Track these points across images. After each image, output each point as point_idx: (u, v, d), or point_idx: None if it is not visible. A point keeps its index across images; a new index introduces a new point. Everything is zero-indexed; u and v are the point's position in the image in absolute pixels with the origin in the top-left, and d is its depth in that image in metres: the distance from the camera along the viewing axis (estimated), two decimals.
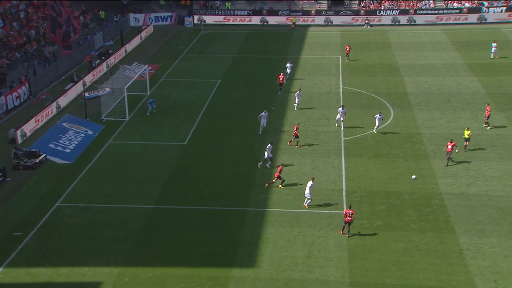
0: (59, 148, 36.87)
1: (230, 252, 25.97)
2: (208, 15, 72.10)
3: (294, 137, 36.00)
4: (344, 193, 30.79)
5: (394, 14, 70.40)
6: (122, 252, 26.07)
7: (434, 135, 37.87)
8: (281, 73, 46.94)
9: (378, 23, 70.09)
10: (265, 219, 28.45)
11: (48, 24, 49.67)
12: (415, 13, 70.27)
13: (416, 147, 36.14)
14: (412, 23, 69.81)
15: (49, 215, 29.26)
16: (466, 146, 34.50)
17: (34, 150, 35.55)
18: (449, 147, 33.18)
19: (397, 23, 70.02)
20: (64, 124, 40.10)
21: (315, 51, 59.02)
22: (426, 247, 26.00)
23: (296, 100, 42.59)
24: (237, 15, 72.00)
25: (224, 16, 72.05)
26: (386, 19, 70.23)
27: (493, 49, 53.00)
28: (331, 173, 33.04)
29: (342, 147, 36.24)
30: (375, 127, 37.94)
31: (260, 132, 37.70)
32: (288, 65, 48.03)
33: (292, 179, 32.28)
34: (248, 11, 72.36)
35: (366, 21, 69.67)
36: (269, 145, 34.00)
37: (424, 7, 71.34)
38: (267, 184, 31.32)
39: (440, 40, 61.98)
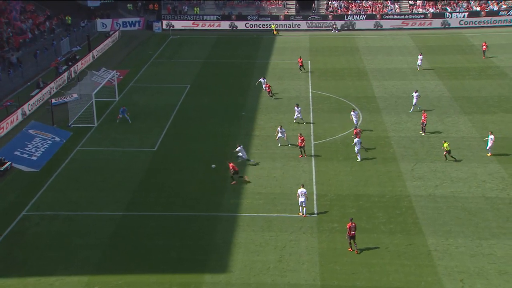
0: (25, 155, 36.13)
1: (201, 257, 25.84)
2: (177, 20, 71.78)
3: (300, 147, 35.19)
4: (315, 196, 30.99)
5: (361, 19, 71.36)
6: (91, 260, 25.67)
7: (402, 138, 38.47)
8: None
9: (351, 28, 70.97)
10: (237, 224, 28.42)
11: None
12: (382, 18, 71.41)
13: (384, 150, 36.64)
14: (379, 28, 70.93)
15: (15, 224, 28.62)
16: (446, 154, 34.51)
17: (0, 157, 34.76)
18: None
19: (363, 28, 70.94)
20: (30, 131, 39.32)
21: (284, 56, 59.37)
22: (396, 249, 26.36)
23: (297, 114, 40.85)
24: (206, 20, 71.92)
25: (193, 21, 71.87)
26: (354, 24, 71.14)
27: (419, 61, 52.57)
28: (302, 177, 33.21)
29: (312, 151, 36.49)
30: (354, 125, 38.40)
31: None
32: (261, 80, 47.20)
33: (263, 183, 32.33)
34: (217, 16, 72.37)
35: (334, 26, 70.45)
36: (239, 147, 33.93)
37: (390, 12, 72.55)
38: (235, 182, 31.60)
39: (406, 45, 63.10)
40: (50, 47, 58.03)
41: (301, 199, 28.79)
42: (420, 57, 53.02)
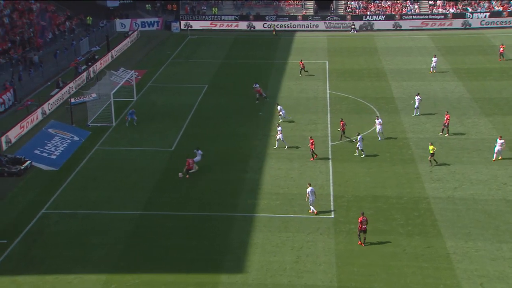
0: (44, 154, 36.58)
1: (218, 257, 25.90)
2: (195, 20, 72.11)
3: (311, 150, 35.03)
4: (331, 198, 30.88)
5: (380, 20, 70.95)
6: (109, 259, 25.88)
7: (420, 139, 38.15)
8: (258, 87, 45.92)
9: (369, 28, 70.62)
10: (253, 224, 28.43)
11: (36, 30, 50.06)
12: (401, 19, 70.87)
13: (402, 152, 36.37)
14: (398, 28, 70.41)
15: (34, 222, 28.98)
16: (430, 161, 34.18)
17: (19, 156, 35.22)
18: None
19: (383, 28, 70.53)
20: (50, 130, 39.81)
21: (302, 56, 59.25)
22: (414, 251, 26.14)
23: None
24: (224, 20, 72.09)
25: (211, 21, 72.12)
26: (373, 24, 70.75)
27: (433, 63, 51.73)
28: (319, 178, 33.12)
29: (330, 152, 36.37)
30: (378, 135, 37.40)
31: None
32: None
33: (280, 184, 32.31)
34: (235, 16, 72.51)
35: (353, 26, 70.17)
36: (198, 150, 34.22)
37: (409, 13, 71.97)
38: (181, 174, 32.71)
39: (425, 45, 62.55)
40: (70, 47, 58.69)
41: (312, 197, 28.77)
42: (434, 59, 52.24)
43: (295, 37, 68.07)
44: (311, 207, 29.14)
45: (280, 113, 40.49)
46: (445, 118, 38.51)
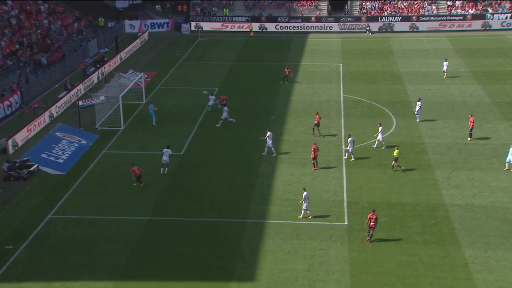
0: (52, 158, 36.87)
1: (228, 265, 25.92)
2: (206, 21, 72.43)
3: (313, 158, 34.68)
4: (345, 204, 30.81)
5: (396, 21, 70.78)
6: (117, 266, 25.99)
7: (437, 144, 37.94)
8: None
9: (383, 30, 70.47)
10: (264, 231, 28.43)
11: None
12: (418, 20, 70.64)
13: (419, 157, 36.20)
14: (415, 29, 70.18)
15: (41, 228, 29.20)
16: (393, 166, 34.02)
17: (26, 158, 35.51)
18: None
19: (399, 30, 70.34)
20: (57, 134, 40.14)
21: (315, 58, 59.27)
22: (431, 260, 25.98)
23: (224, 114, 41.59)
24: (235, 21, 72.32)
25: (222, 23, 72.38)
26: (388, 26, 70.56)
27: (445, 67, 51.25)
28: (332, 183, 33.06)
29: (343, 157, 36.28)
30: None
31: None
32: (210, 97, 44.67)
33: (292, 190, 32.29)
34: (247, 18, 72.70)
35: (368, 28, 70.06)
36: (166, 149, 34.48)
37: (427, 14, 71.71)
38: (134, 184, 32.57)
39: (443, 48, 62.27)
40: (78, 49, 59.18)
41: (307, 202, 29.08)
42: (445, 63, 51.75)
43: (308, 39, 68.09)
44: (308, 212, 29.31)
45: (223, 114, 41.11)
46: (470, 122, 38.20)
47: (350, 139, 35.57)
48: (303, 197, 29.14)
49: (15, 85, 46.31)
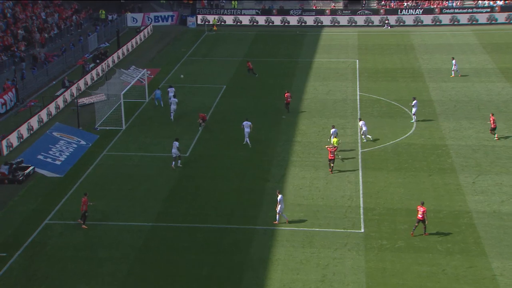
0: (48, 159, 37.14)
1: (236, 274, 25.98)
2: (213, 14, 72.62)
3: (330, 160, 34.83)
4: (361, 210, 30.77)
5: (417, 14, 70.57)
6: (117, 275, 26.12)
7: (462, 146, 37.80)
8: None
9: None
10: (275, 238, 28.46)
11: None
12: (441, 13, 70.38)
13: (441, 160, 36.08)
14: (438, 23, 69.93)
15: (36, 234, 29.41)
16: (335, 153, 35.44)
17: (20, 160, 35.74)
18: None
19: (420, 23, 70.17)
20: (55, 134, 40.42)
21: (330, 54, 59.24)
22: (454, 271, 25.87)
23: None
24: (244, 14, 72.45)
25: (230, 16, 72.50)
26: (409, 19, 70.42)
27: (454, 67, 50.69)
28: (347, 188, 33.03)
29: (359, 160, 36.24)
30: (364, 137, 38.24)
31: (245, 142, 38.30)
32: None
33: (304, 194, 32.30)
34: (257, 11, 72.83)
35: (386, 22, 69.92)
36: (174, 141, 35.20)
37: (451, 6, 71.41)
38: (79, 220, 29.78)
39: (468, 42, 62.02)
40: (77, 43, 59.56)
41: (281, 205, 29.23)
42: (453, 61, 51.10)
43: (322, 33, 68.08)
44: (284, 216, 29.46)
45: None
46: (491, 121, 38.10)
47: (333, 130, 36.94)
48: (278, 200, 29.20)
49: (9, 82, 46.59)
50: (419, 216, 27.86)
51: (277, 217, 29.56)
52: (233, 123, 42.35)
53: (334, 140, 36.08)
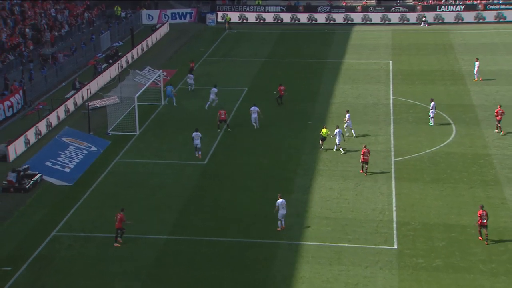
0: (57, 167, 37.57)
1: None
2: (234, 11, 72.97)
3: (362, 162, 35.29)
4: (394, 225, 30.60)
5: (458, 10, 70.08)
6: None
7: (507, 156, 37.40)
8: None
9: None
10: (300, 254, 28.43)
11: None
12: (485, 9, 69.77)
13: (484, 171, 35.74)
14: (481, 20, 69.36)
15: (44, 246, 29.71)
16: (321, 145, 37.87)
17: (26, 166, 36.15)
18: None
19: (460, 21, 69.65)
20: (64, 139, 40.88)
21: (361, 55, 59.09)
22: None
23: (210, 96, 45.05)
24: (268, 11, 72.68)
25: (253, 13, 72.75)
26: (448, 16, 69.97)
27: (476, 68, 49.95)
28: (379, 200, 32.88)
29: (393, 170, 36.07)
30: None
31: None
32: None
33: (332, 207, 32.23)
34: (282, 7, 73.02)
35: (424, 19, 69.57)
36: (195, 132, 36.82)
37: (496, 2, 70.70)
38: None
39: None
40: (89, 42, 60.25)
41: (282, 211, 29.60)
42: (476, 63, 50.45)
43: (353, 31, 67.99)
44: (280, 222, 29.87)
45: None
46: (496, 113, 39.37)
47: (337, 130, 37.68)
48: (281, 204, 29.66)
49: (16, 83, 47.23)
50: (484, 221, 28.14)
51: (279, 223, 29.99)
52: (255, 128, 42.43)
53: (323, 130, 37.91)
